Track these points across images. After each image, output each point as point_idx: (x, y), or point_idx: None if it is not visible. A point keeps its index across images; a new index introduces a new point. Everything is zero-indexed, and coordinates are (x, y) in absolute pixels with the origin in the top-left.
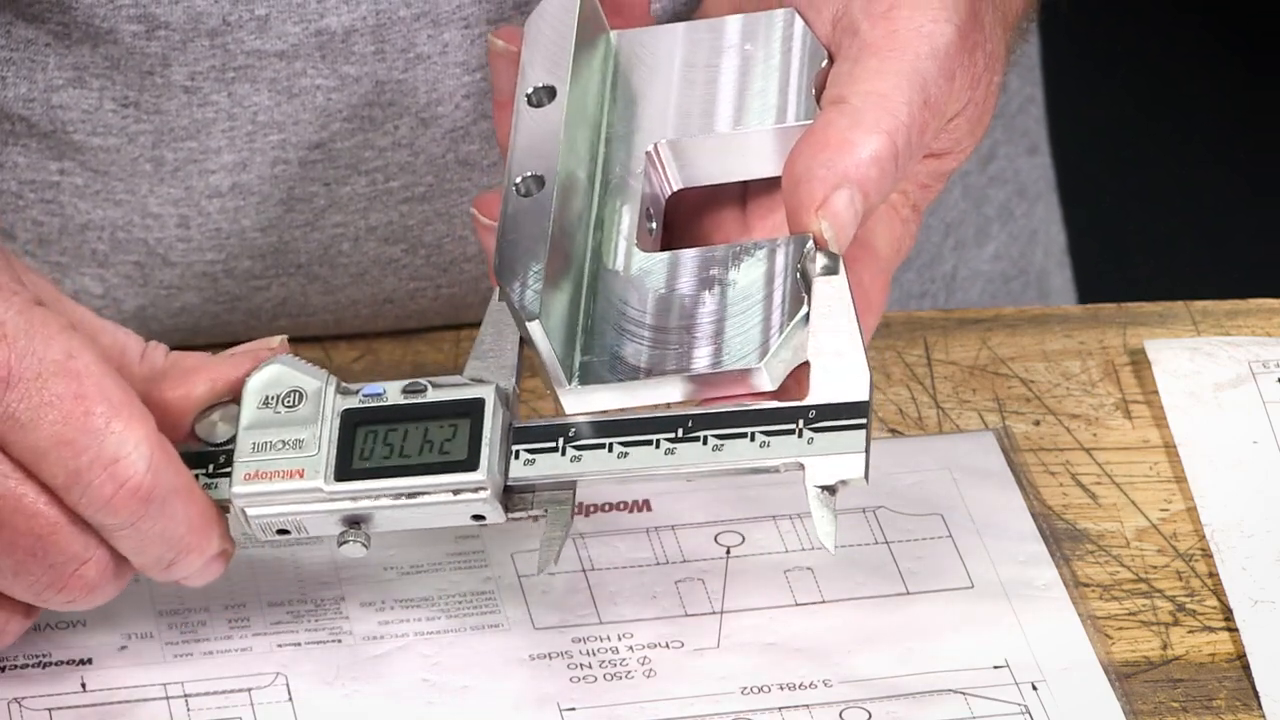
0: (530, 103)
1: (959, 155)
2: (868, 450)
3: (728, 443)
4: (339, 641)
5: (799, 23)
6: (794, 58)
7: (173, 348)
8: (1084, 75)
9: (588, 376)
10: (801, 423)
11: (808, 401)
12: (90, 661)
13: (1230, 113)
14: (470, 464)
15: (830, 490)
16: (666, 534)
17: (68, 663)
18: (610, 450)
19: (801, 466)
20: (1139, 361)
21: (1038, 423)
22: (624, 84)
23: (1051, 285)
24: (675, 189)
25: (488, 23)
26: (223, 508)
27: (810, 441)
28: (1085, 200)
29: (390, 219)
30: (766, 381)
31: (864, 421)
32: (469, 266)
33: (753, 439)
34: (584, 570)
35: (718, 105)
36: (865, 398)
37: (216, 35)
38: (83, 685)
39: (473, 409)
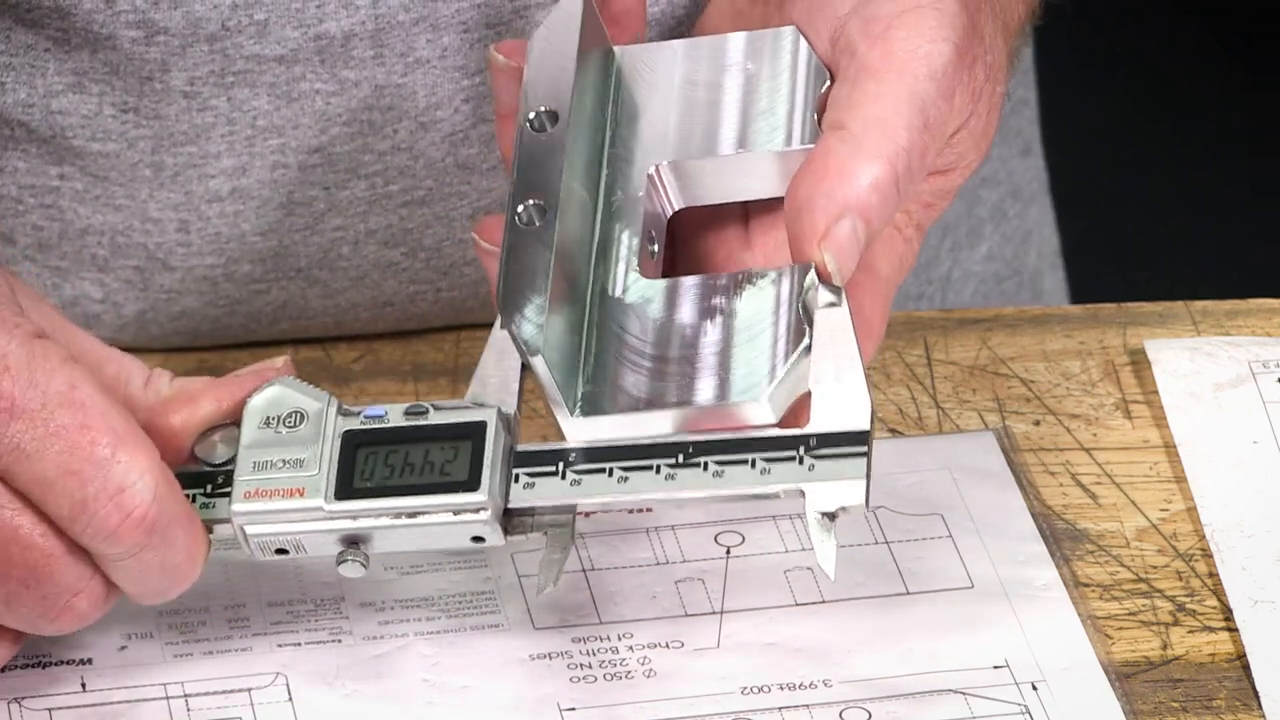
0: (533, 127)
1: (964, 170)
2: (868, 478)
3: (728, 468)
4: (339, 641)
5: (802, 42)
6: (799, 79)
7: (173, 352)
8: (1079, 77)
9: (590, 407)
10: (802, 450)
11: (809, 430)
12: (90, 661)
13: (1229, 113)
14: (471, 485)
15: (831, 517)
16: (666, 534)
17: (68, 663)
18: (610, 475)
19: (802, 493)
20: (1139, 361)
21: (1038, 423)
22: (626, 102)
23: (1044, 286)
24: (676, 208)
25: (486, 26)
26: (208, 526)
27: (811, 468)
28: (1081, 201)
29: (390, 223)
30: (769, 415)
31: (865, 449)
32: (469, 270)
33: (753, 465)
34: (584, 570)
35: (721, 126)
36: (866, 427)
37: (215, 40)
38: (83, 685)
39: (474, 432)
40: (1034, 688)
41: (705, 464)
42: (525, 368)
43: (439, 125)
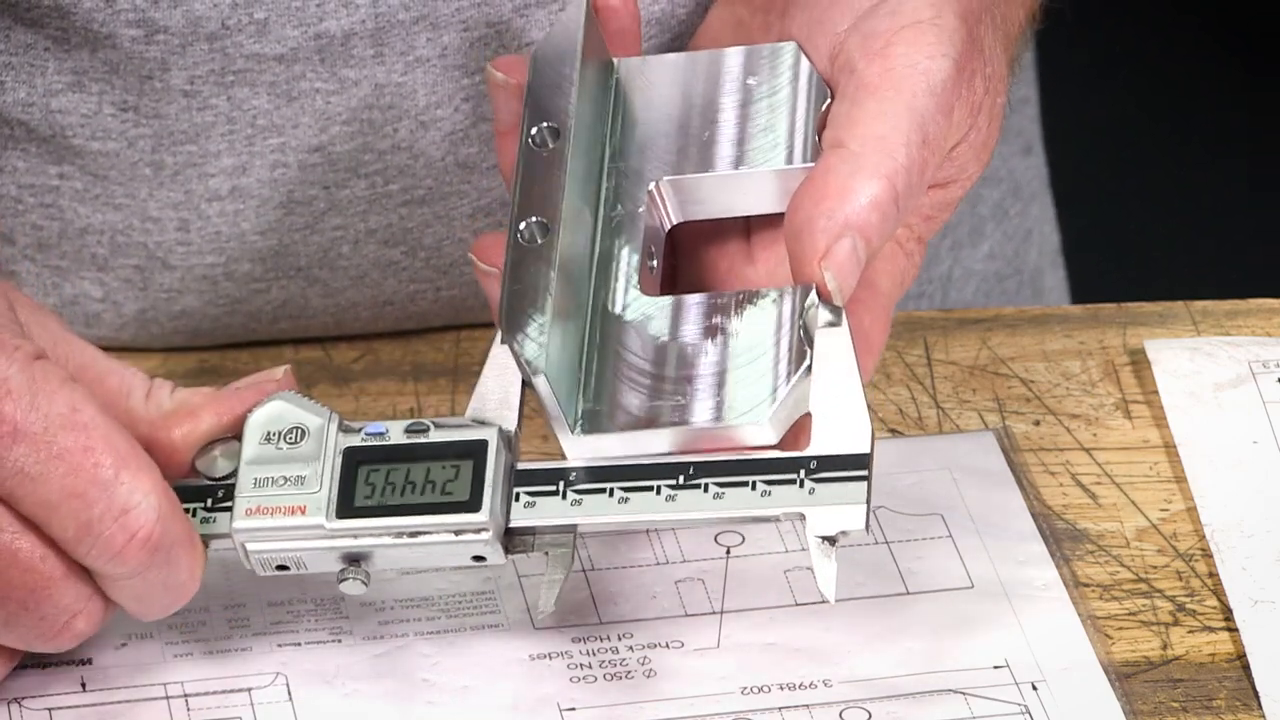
0: (534, 143)
1: (965, 183)
2: (869, 501)
3: (729, 490)
4: (339, 641)
5: (803, 59)
6: (799, 96)
7: (173, 351)
8: (1079, 76)
9: (590, 425)
10: (803, 473)
11: (809, 452)
12: (90, 661)
13: (1229, 113)
14: (472, 505)
15: (831, 540)
16: (666, 534)
17: (67, 663)
18: (611, 495)
19: (802, 517)
20: (1139, 361)
21: (1038, 423)
22: (626, 115)
23: (1045, 285)
24: (675, 223)
25: (486, 25)
26: (205, 541)
27: (811, 492)
28: (1082, 200)
29: (390, 222)
30: (770, 436)
31: (865, 473)
32: (468, 269)
33: (754, 488)
34: (584, 570)
35: (720, 142)
36: (867, 450)
37: (215, 39)
38: (83, 685)
39: (475, 450)
40: (1034, 688)
41: (706, 485)
42: (526, 384)
43: (439, 124)
